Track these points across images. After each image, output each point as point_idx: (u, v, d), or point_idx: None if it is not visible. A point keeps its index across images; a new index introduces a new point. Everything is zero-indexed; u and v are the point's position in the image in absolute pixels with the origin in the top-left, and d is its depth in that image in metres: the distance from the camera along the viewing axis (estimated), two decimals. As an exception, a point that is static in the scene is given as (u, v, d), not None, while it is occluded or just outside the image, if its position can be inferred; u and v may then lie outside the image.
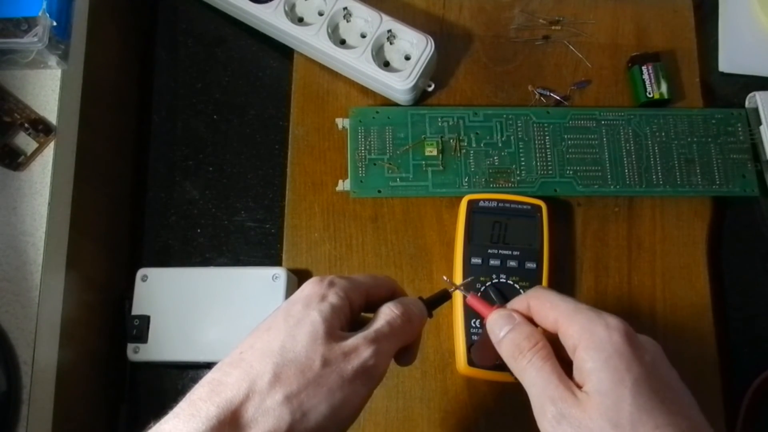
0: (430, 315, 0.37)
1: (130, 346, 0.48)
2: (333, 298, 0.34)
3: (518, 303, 0.35)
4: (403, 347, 0.37)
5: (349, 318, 0.34)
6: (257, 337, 0.33)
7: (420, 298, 0.37)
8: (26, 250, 0.44)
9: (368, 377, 0.33)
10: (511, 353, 0.33)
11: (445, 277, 0.39)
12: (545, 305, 0.33)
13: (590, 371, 0.30)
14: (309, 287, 0.34)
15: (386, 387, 0.48)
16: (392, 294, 0.37)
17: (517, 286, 0.47)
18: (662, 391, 0.30)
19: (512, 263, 0.48)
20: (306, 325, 0.32)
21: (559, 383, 0.31)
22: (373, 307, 0.36)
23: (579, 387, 0.31)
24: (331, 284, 0.34)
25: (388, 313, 0.34)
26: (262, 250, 0.54)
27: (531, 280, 0.48)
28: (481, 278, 0.48)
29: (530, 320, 0.34)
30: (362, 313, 0.36)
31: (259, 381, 0.30)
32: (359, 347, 0.32)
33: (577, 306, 0.32)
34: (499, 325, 0.34)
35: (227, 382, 0.30)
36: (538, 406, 0.31)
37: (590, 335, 0.31)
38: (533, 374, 0.32)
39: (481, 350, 0.37)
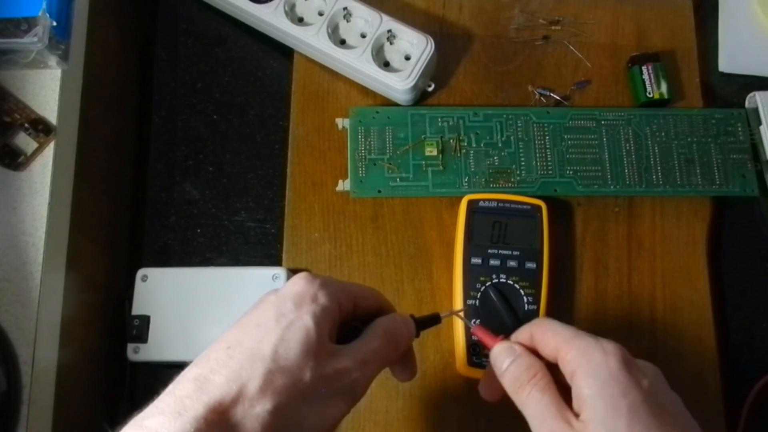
0: (417, 335, 0.37)
1: (130, 346, 0.48)
2: (324, 299, 0.33)
3: (522, 333, 0.35)
4: (400, 365, 0.37)
5: (337, 323, 0.33)
6: (245, 333, 0.32)
7: (411, 316, 0.37)
8: (26, 250, 0.44)
9: (351, 396, 0.32)
10: (512, 386, 0.33)
11: (442, 314, 0.39)
12: (547, 333, 0.33)
13: (586, 398, 0.30)
14: (300, 284, 0.33)
15: (386, 387, 0.48)
16: (379, 307, 0.36)
17: (517, 286, 0.47)
18: (660, 416, 0.30)
19: (512, 263, 0.48)
20: (299, 330, 0.31)
21: (556, 414, 0.31)
22: (360, 317, 0.35)
23: (576, 415, 0.30)
24: (323, 284, 0.33)
25: (381, 335, 0.34)
26: (262, 250, 0.54)
27: (531, 280, 0.48)
28: (481, 278, 0.48)
29: (534, 351, 0.34)
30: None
31: (250, 385, 0.29)
32: (350, 369, 0.32)
33: (576, 332, 0.33)
34: (502, 358, 0.34)
35: (215, 381, 0.30)
36: None
37: (587, 361, 0.31)
38: (532, 406, 0.32)
39: (488, 384, 0.37)
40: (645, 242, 0.51)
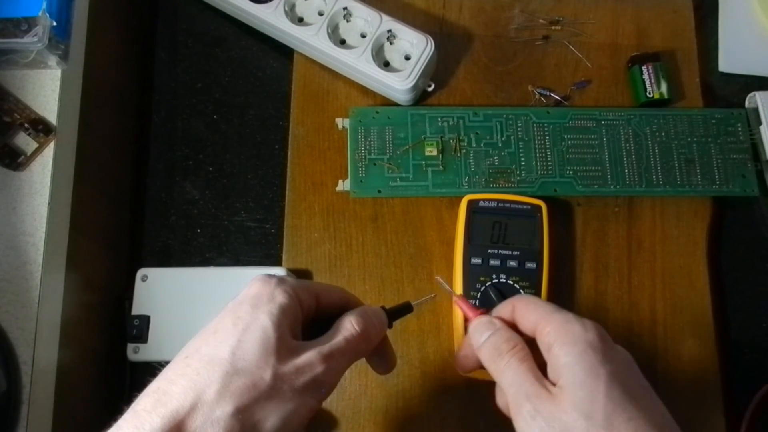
0: (390, 326, 0.37)
1: (130, 346, 0.48)
2: (281, 297, 0.32)
3: (503, 307, 0.36)
4: (376, 357, 0.37)
5: (300, 320, 0.33)
6: (203, 341, 0.31)
7: (383, 307, 0.37)
8: (26, 250, 0.44)
9: (318, 391, 0.32)
10: (490, 356, 0.33)
11: (438, 277, 0.39)
12: (528, 306, 0.34)
13: (564, 365, 0.31)
14: (256, 286, 0.33)
15: (386, 387, 0.48)
16: (345, 302, 0.36)
17: (517, 286, 0.47)
18: (634, 388, 0.31)
19: (512, 263, 0.48)
20: (256, 330, 0.31)
21: (534, 381, 0.31)
22: (326, 314, 0.35)
23: (554, 384, 0.31)
24: (279, 283, 0.33)
25: (348, 328, 0.34)
26: (262, 250, 0.54)
27: (531, 280, 0.48)
28: (481, 278, 0.48)
29: (513, 327, 0.35)
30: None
31: (207, 391, 0.29)
32: (313, 364, 0.31)
33: (557, 308, 0.33)
34: (480, 331, 0.35)
35: (172, 392, 0.29)
36: (514, 405, 0.32)
37: (566, 332, 0.32)
38: (510, 374, 0.32)
39: (464, 356, 0.37)
40: (645, 242, 0.51)
